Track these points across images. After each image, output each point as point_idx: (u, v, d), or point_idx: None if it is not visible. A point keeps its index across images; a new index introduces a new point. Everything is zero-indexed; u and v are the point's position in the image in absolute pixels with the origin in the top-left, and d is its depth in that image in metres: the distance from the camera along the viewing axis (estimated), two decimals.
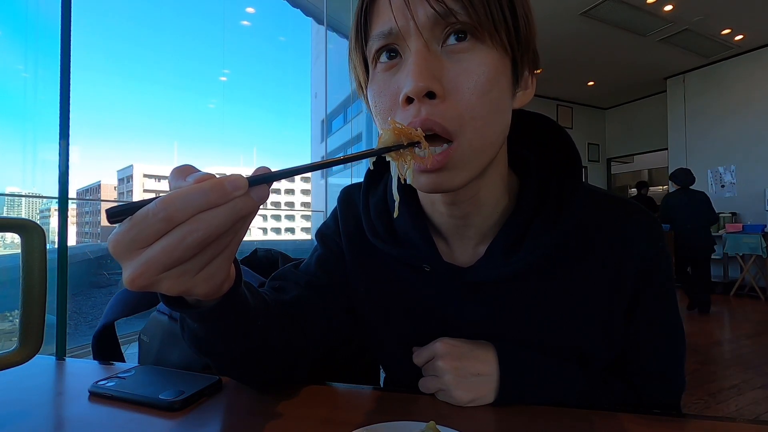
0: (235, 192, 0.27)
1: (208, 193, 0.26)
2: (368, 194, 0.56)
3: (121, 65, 8.73)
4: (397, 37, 0.40)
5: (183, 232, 0.26)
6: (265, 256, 0.85)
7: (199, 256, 0.28)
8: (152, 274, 0.27)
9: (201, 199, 0.26)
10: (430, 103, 0.38)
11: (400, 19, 0.39)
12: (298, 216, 9.09)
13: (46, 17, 2.75)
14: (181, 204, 0.26)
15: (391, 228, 0.52)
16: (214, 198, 0.27)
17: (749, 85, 5.70)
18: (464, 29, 0.38)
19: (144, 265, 0.27)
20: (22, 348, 0.48)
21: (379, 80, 0.42)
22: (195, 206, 0.26)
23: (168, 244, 0.27)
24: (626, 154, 8.17)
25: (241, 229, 0.30)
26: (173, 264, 0.27)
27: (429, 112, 0.38)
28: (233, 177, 0.27)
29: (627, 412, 0.46)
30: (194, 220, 0.27)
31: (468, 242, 0.50)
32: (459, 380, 0.47)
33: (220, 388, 0.53)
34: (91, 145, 6.43)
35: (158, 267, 0.27)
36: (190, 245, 0.27)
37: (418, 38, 0.39)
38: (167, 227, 0.26)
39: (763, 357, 2.99)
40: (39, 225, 0.47)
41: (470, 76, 0.38)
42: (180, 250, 0.27)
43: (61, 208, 1.88)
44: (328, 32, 4.67)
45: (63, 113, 1.85)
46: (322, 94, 5.00)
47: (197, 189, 0.27)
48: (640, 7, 4.58)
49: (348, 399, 0.51)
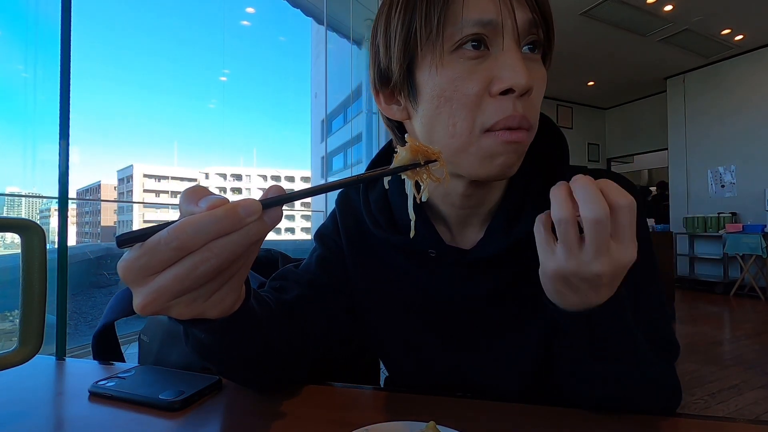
0: (249, 218, 0.26)
1: (222, 220, 0.26)
2: (367, 192, 0.57)
3: (121, 65, 8.74)
4: (494, 29, 0.41)
5: (195, 261, 0.26)
6: (265, 256, 0.85)
7: (211, 282, 0.28)
8: (163, 301, 0.27)
9: (214, 226, 0.26)
10: (526, 99, 0.42)
11: (504, 13, 0.41)
12: (298, 216, 9.09)
13: (46, 17, 2.75)
14: (193, 232, 0.25)
15: (393, 221, 0.54)
16: (228, 225, 0.26)
17: (749, 85, 5.70)
18: (541, 42, 0.44)
19: (155, 292, 0.27)
20: (22, 348, 0.48)
21: (462, 65, 0.42)
22: (208, 234, 0.26)
23: (179, 273, 0.26)
24: (626, 154, 8.17)
25: (254, 251, 0.30)
26: (184, 292, 0.27)
27: (525, 107, 0.42)
28: (247, 202, 0.27)
29: (627, 413, 0.46)
30: (207, 248, 0.26)
31: (472, 228, 0.52)
32: (603, 277, 0.37)
33: (220, 388, 0.53)
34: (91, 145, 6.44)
35: (169, 295, 0.27)
36: (203, 274, 0.27)
37: (514, 37, 0.41)
38: (179, 255, 0.26)
39: (763, 357, 2.99)
40: (39, 225, 0.47)
41: (541, 83, 0.44)
42: (192, 279, 0.27)
43: (61, 208, 1.88)
44: (328, 32, 4.67)
45: (63, 113, 1.84)
46: (322, 94, 5.00)
47: (210, 216, 0.26)
48: (640, 7, 4.58)
49: (348, 399, 0.51)
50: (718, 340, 3.56)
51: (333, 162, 6.32)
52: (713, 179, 6.04)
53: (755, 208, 5.55)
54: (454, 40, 0.41)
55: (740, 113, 5.76)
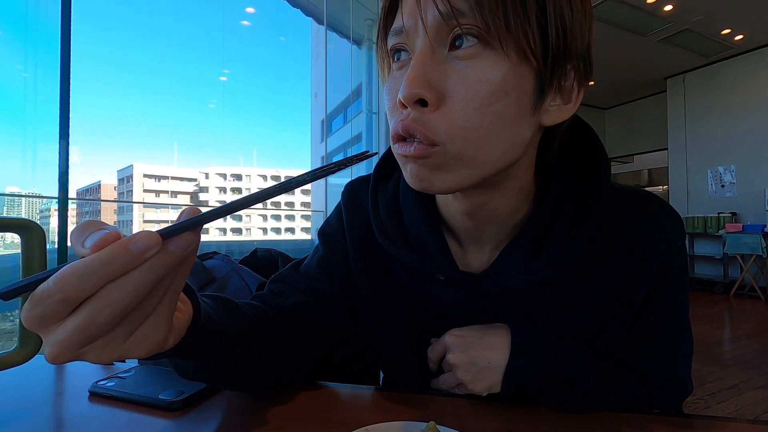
0: (145, 254, 0.23)
1: (109, 263, 0.23)
2: (377, 192, 0.52)
3: (121, 65, 8.71)
4: (408, 36, 0.38)
5: (92, 310, 0.23)
6: (265, 256, 0.85)
7: (122, 325, 0.25)
8: (71, 351, 0.24)
9: (102, 271, 0.23)
10: (421, 110, 0.36)
11: (410, 18, 0.37)
12: (298, 216, 9.08)
13: (46, 17, 2.74)
14: (77, 280, 0.22)
15: (402, 229, 0.50)
16: (118, 267, 0.23)
17: (749, 85, 5.69)
18: (471, 33, 0.34)
19: (59, 344, 0.24)
20: (22, 348, 0.48)
21: (390, 78, 0.40)
22: (96, 280, 0.23)
23: (79, 323, 0.23)
24: (626, 154, 8.16)
25: (174, 279, 0.27)
26: (92, 339, 0.25)
27: (414, 118, 0.36)
28: (140, 236, 0.23)
29: (627, 413, 0.46)
30: (101, 295, 0.23)
31: (484, 247, 0.48)
32: (471, 372, 0.46)
33: (220, 388, 0.53)
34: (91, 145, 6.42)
35: (76, 345, 0.24)
36: (105, 322, 0.24)
37: (424, 40, 0.36)
38: (70, 306, 0.23)
39: (763, 357, 2.99)
40: (39, 225, 0.47)
41: (469, 85, 0.35)
42: (94, 327, 0.24)
43: (61, 208, 1.88)
44: (328, 32, 4.67)
45: (63, 113, 1.84)
46: (322, 94, 5.00)
47: (95, 260, 0.23)
48: (640, 7, 4.58)
49: (348, 399, 0.51)
50: (718, 340, 3.55)
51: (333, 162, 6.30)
52: (713, 179, 6.03)
53: (755, 208, 5.55)
54: (391, 55, 0.41)
55: (740, 113, 5.76)
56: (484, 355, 0.46)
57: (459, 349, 0.47)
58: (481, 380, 0.46)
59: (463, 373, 0.46)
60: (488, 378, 0.46)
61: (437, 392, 0.52)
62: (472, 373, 0.46)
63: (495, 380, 0.46)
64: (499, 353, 0.46)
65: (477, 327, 0.49)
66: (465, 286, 0.48)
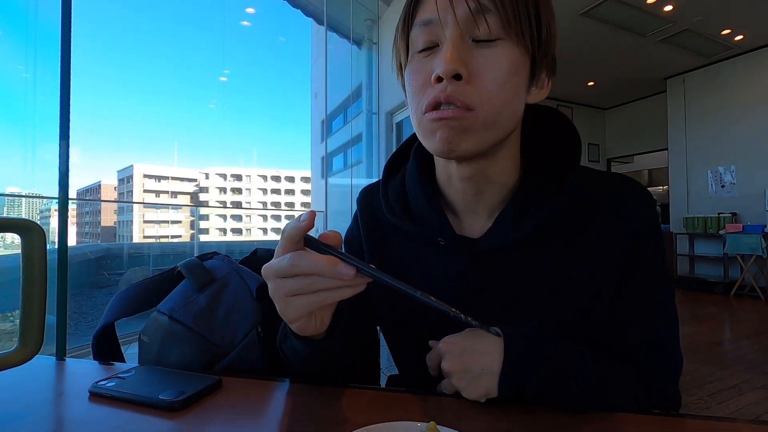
0: (344, 278, 0.37)
1: (331, 275, 0.37)
2: (387, 183, 0.62)
3: (121, 66, 8.73)
4: (437, 26, 0.46)
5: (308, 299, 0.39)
6: (265, 257, 0.85)
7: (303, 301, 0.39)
8: (279, 296, 0.40)
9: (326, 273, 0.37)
10: (456, 83, 0.45)
11: (443, 11, 0.46)
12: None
13: (46, 17, 2.75)
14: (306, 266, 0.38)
15: (407, 208, 0.59)
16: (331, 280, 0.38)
17: (749, 85, 5.70)
18: (494, 27, 0.45)
19: (273, 290, 0.40)
20: (22, 348, 0.48)
21: (416, 62, 0.49)
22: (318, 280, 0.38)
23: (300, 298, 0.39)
24: (626, 154, 8.17)
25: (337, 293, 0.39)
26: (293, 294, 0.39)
27: (453, 89, 0.45)
28: (345, 267, 0.37)
29: (627, 412, 0.46)
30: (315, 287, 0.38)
31: (479, 216, 0.55)
32: (465, 380, 0.46)
33: (220, 388, 0.53)
34: (91, 145, 6.44)
35: (283, 292, 0.39)
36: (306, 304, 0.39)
37: (456, 29, 0.45)
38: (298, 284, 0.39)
39: (763, 357, 2.99)
40: (39, 225, 0.47)
41: (493, 66, 0.45)
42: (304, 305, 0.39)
43: (61, 208, 1.88)
44: (328, 32, 4.67)
45: (63, 114, 1.84)
46: (322, 95, 5.00)
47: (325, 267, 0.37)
48: (640, 7, 4.58)
49: (348, 399, 0.51)
50: (718, 340, 3.56)
51: (333, 162, 6.32)
52: (713, 179, 6.04)
53: (755, 208, 5.55)
54: (414, 44, 0.49)
55: (740, 113, 5.76)
56: (478, 361, 0.47)
57: (453, 357, 0.48)
58: (476, 387, 0.46)
59: (458, 381, 0.47)
60: (483, 384, 0.46)
61: (438, 392, 0.52)
62: (467, 380, 0.46)
63: (491, 386, 0.46)
64: (493, 358, 0.46)
65: (471, 333, 0.49)
66: (462, 248, 0.54)
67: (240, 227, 26.23)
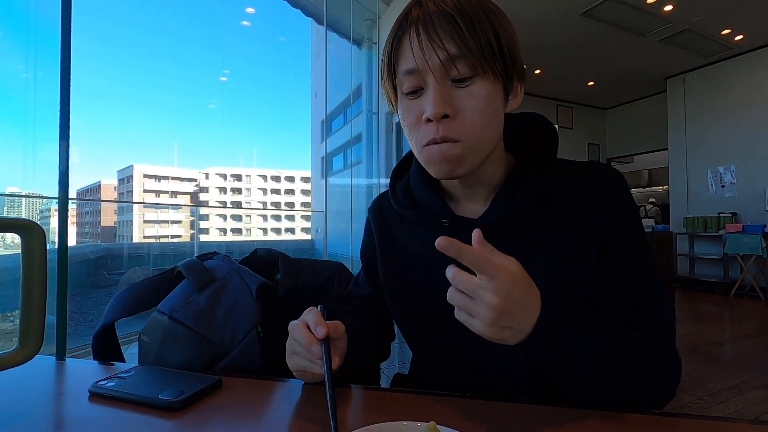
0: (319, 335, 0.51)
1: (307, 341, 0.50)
2: (395, 183, 0.70)
3: (122, 66, 8.74)
4: (418, 73, 0.53)
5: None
6: (265, 257, 0.85)
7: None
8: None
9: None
10: (445, 122, 0.52)
11: (420, 61, 0.52)
12: (298, 216, 9.09)
13: (46, 17, 2.74)
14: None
15: (413, 201, 0.67)
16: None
17: (749, 85, 5.69)
18: (465, 70, 0.51)
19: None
20: (22, 348, 0.48)
21: (406, 103, 0.56)
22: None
23: None
24: (626, 154, 8.17)
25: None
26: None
27: (444, 128, 0.52)
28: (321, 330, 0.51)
29: (627, 412, 0.46)
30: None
31: (476, 203, 0.63)
32: (496, 324, 0.42)
33: (220, 388, 0.53)
34: (91, 145, 6.44)
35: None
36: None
37: (433, 76, 0.52)
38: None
39: (763, 357, 2.99)
40: (39, 225, 0.47)
41: (473, 101, 0.52)
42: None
43: (61, 208, 1.88)
44: (328, 32, 4.67)
45: (63, 113, 1.84)
46: (322, 95, 4.99)
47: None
48: (640, 7, 4.58)
49: (348, 399, 0.51)
50: (718, 340, 3.56)
51: (333, 162, 6.32)
52: (713, 179, 6.04)
53: (755, 208, 5.55)
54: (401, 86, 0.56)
55: (740, 113, 5.76)
56: (517, 317, 0.43)
57: (503, 295, 0.42)
58: (499, 331, 0.43)
59: (490, 315, 0.42)
60: (506, 335, 0.43)
61: (437, 392, 0.52)
62: (496, 324, 0.42)
63: (512, 340, 0.44)
64: (530, 321, 0.44)
65: (528, 288, 0.45)
66: (464, 227, 0.58)
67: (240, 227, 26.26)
